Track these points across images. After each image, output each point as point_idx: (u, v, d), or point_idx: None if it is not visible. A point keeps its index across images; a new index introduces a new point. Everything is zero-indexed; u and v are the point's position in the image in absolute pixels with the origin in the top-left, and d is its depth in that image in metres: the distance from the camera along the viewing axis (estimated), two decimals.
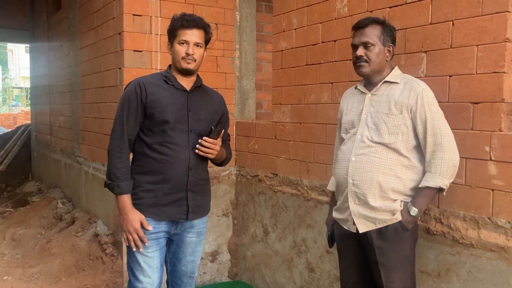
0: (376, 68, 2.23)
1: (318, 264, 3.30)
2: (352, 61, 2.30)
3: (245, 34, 4.30)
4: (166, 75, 2.49)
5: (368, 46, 2.20)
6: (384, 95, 2.23)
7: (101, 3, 4.28)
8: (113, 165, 2.38)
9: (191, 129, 2.46)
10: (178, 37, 2.41)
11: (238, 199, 4.25)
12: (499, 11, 2.14)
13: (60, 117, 6.30)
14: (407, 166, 2.17)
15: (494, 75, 2.17)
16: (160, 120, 2.39)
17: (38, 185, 7.68)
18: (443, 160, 2.09)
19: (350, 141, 2.30)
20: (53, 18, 6.80)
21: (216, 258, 4.27)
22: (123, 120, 2.40)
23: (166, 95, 2.44)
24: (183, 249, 2.59)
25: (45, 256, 4.48)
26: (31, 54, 9.02)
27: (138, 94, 2.40)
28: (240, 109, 4.33)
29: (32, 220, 5.61)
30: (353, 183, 2.22)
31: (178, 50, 2.42)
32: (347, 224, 2.30)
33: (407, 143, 2.17)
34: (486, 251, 2.19)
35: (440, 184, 2.09)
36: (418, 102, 2.13)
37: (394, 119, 2.16)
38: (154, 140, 2.41)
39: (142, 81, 2.45)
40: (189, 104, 2.48)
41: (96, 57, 4.50)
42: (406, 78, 2.25)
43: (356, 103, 2.35)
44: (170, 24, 2.47)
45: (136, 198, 2.43)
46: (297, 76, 3.44)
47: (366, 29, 2.22)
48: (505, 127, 2.15)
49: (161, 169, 2.41)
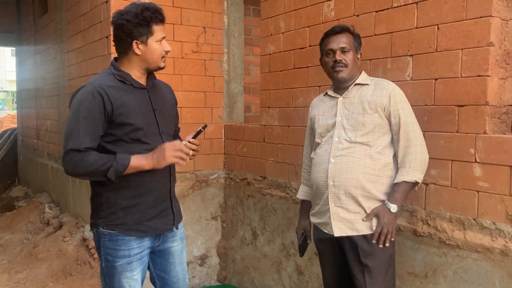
0: (352, 72, 2.27)
1: (307, 267, 3.31)
2: (328, 66, 2.29)
3: (233, 37, 4.31)
4: (119, 73, 2.12)
5: (345, 51, 2.25)
6: (356, 97, 2.26)
7: (88, 7, 4.26)
8: (89, 164, 1.97)
9: (162, 131, 2.20)
10: (156, 34, 2.09)
11: (227, 202, 4.25)
12: (483, 16, 2.18)
13: (47, 121, 6.25)
14: (384, 163, 2.19)
15: (478, 79, 2.20)
16: (132, 128, 2.08)
17: (25, 189, 7.59)
18: (416, 155, 2.15)
19: (326, 144, 2.29)
20: (39, 21, 6.75)
21: (205, 262, 4.26)
22: (78, 130, 1.99)
23: (131, 98, 2.10)
24: (171, 261, 2.35)
25: (32, 261, 4.43)
26: (17, 57, 8.93)
27: (99, 102, 2.01)
28: (229, 112, 4.33)
29: (19, 225, 5.55)
30: (333, 184, 2.21)
31: (157, 49, 2.11)
32: (327, 228, 2.28)
33: (383, 141, 2.21)
34: (471, 252, 2.22)
35: (415, 178, 2.14)
36: (391, 100, 2.19)
37: (370, 118, 2.20)
38: (127, 151, 2.06)
39: (101, 86, 2.04)
40: (152, 103, 2.18)
41: (83, 60, 4.48)
42: (375, 79, 2.32)
43: (328, 108, 2.36)
44: (135, 19, 2.05)
45: (116, 218, 2.10)
46: (285, 79, 3.46)
47: (342, 35, 2.27)
48: (489, 130, 2.19)
49: (141, 181, 2.11)
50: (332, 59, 2.27)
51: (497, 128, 2.22)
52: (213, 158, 4.24)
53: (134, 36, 2.07)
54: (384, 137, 2.21)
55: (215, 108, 4.25)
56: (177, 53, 3.96)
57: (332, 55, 2.27)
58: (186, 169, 4.06)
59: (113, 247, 2.12)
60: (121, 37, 2.10)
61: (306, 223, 2.54)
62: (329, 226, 2.25)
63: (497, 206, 2.12)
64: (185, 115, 4.04)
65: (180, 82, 4.01)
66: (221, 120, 4.27)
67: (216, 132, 4.26)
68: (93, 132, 2.02)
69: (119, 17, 2.08)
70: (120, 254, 2.12)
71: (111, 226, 2.10)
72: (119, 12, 2.09)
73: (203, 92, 4.16)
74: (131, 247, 2.14)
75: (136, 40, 2.08)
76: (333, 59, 2.26)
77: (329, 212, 2.23)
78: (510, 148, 2.08)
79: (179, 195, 4.01)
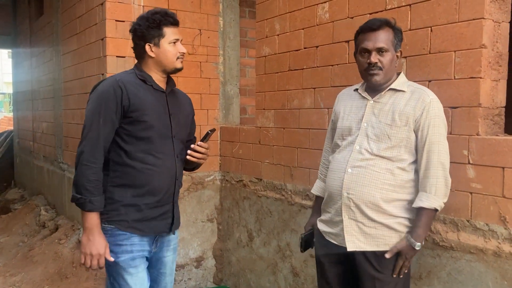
0: (388, 75, 2.07)
1: (302, 269, 3.31)
2: (362, 67, 2.09)
3: (229, 39, 4.31)
4: (141, 74, 2.21)
5: (382, 52, 2.02)
6: (388, 104, 2.06)
7: (84, 9, 4.26)
8: (85, 176, 2.04)
9: (174, 135, 2.24)
10: (168, 36, 2.17)
11: (223, 204, 4.25)
12: (475, 18, 2.19)
13: (43, 123, 6.24)
14: (405, 180, 2.04)
15: (471, 80, 2.21)
16: (145, 126, 2.13)
17: (21, 192, 7.58)
18: (438, 179, 1.99)
19: (346, 151, 2.13)
20: (35, 23, 6.74)
21: (201, 264, 4.26)
22: (98, 124, 2.08)
23: (149, 97, 2.18)
24: (162, 271, 2.36)
25: (27, 264, 4.42)
26: (14, 60, 8.91)
27: (118, 96, 2.09)
28: (224, 114, 4.34)
29: (14, 228, 5.54)
30: (348, 196, 2.06)
31: (171, 50, 2.18)
32: (338, 239, 2.14)
33: (408, 157, 2.05)
34: (465, 253, 2.23)
35: (435, 205, 1.98)
36: (424, 113, 1.99)
37: (398, 131, 2.01)
38: (137, 148, 2.13)
39: (121, 80, 2.13)
40: (169, 107, 2.25)
41: (79, 63, 4.48)
42: (414, 86, 2.10)
43: (355, 108, 2.17)
44: (145, 23, 2.17)
45: (117, 215, 2.13)
46: (280, 81, 3.47)
47: (379, 32, 2.03)
48: (482, 131, 2.20)
49: (146, 181, 2.14)
50: (366, 60, 2.04)
51: (490, 130, 2.23)
52: (209, 160, 4.18)
53: (147, 39, 2.17)
54: (409, 152, 2.04)
55: (210, 110, 4.25)
56: None
57: (367, 55, 2.04)
58: None
59: (115, 242, 2.14)
60: (136, 42, 2.22)
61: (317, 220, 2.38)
62: (341, 238, 2.11)
63: (490, 207, 2.13)
64: None
65: (176, 84, 3.99)
66: (216, 122, 4.27)
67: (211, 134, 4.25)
68: (111, 130, 2.10)
69: (133, 23, 2.22)
70: (122, 249, 2.15)
71: (112, 222, 2.14)
72: (135, 20, 2.23)
73: (199, 94, 4.17)
74: (133, 243, 2.16)
75: (148, 43, 2.17)
76: (367, 61, 2.04)
77: (342, 224, 2.09)
78: (503, 150, 2.09)
79: None
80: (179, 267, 4.12)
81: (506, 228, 2.07)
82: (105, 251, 2.08)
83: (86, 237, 2.08)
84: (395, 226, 2.05)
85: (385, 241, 2.06)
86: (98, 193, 2.07)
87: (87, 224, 2.08)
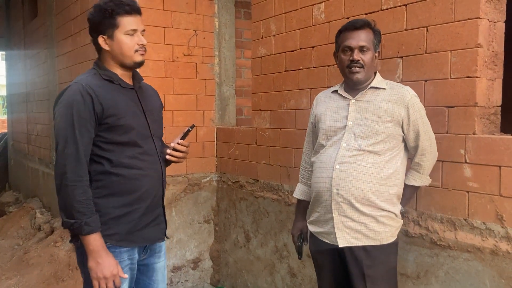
0: (368, 74, 2.14)
1: (299, 269, 3.31)
2: (344, 64, 2.14)
3: (224, 40, 4.31)
4: (105, 73, 2.00)
5: (364, 50, 2.09)
6: (371, 101, 2.13)
7: (79, 11, 4.25)
8: (73, 198, 1.85)
9: (153, 133, 2.09)
10: (123, 26, 1.94)
11: (220, 206, 4.24)
12: (471, 18, 2.20)
13: (38, 126, 6.21)
14: (391, 172, 2.11)
15: (467, 80, 2.22)
16: (124, 130, 1.96)
17: (16, 195, 7.53)
18: (431, 162, 2.21)
19: (332, 149, 2.16)
20: (29, 25, 6.71)
21: (198, 265, 4.25)
22: (75, 138, 1.87)
23: (121, 98, 1.99)
24: (154, 278, 2.21)
25: (22, 267, 4.39)
26: (7, 62, 8.87)
27: (89, 103, 1.89)
28: (221, 115, 4.33)
29: (9, 231, 5.50)
30: (337, 192, 2.09)
31: (127, 42, 1.96)
32: (329, 238, 2.16)
33: (394, 150, 2.12)
34: (462, 252, 2.24)
35: (426, 183, 2.24)
36: (409, 110, 2.09)
37: (385, 126, 2.08)
38: (120, 155, 1.96)
39: (88, 85, 1.92)
40: (142, 105, 2.08)
41: (74, 64, 4.46)
42: (391, 83, 2.19)
43: (337, 109, 2.21)
44: (98, 12, 1.95)
45: (107, 229, 1.94)
46: (277, 82, 3.47)
47: (362, 31, 2.10)
48: (478, 131, 2.20)
49: (136, 187, 1.99)
50: (349, 57, 2.10)
51: (486, 129, 2.24)
52: (205, 161, 4.24)
53: (100, 31, 1.96)
54: (395, 146, 2.13)
55: (206, 111, 4.24)
56: (168, 56, 3.95)
57: (350, 53, 2.10)
58: (178, 173, 4.05)
59: None
60: (91, 34, 2.01)
61: (303, 224, 2.44)
62: (333, 235, 2.13)
63: (487, 206, 2.14)
64: (176, 119, 4.03)
65: (172, 85, 4.00)
66: (213, 123, 4.27)
67: (208, 135, 4.25)
68: (88, 142, 1.92)
69: (88, 13, 2.00)
70: None
71: (103, 236, 1.92)
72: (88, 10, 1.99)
73: (195, 95, 4.16)
74: (122, 259, 2.00)
75: (102, 35, 1.96)
76: (350, 58, 2.10)
77: (333, 221, 2.12)
78: (499, 149, 2.09)
79: (171, 199, 4.00)
80: (176, 269, 4.11)
81: (503, 227, 2.08)
82: (118, 269, 1.92)
83: (94, 261, 1.88)
84: (384, 220, 2.11)
85: (375, 235, 2.10)
86: (91, 213, 1.88)
87: (91, 247, 1.88)
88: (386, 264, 2.13)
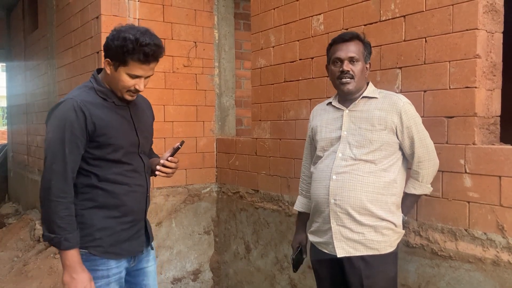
0: (359, 85, 2.16)
1: (300, 280, 3.29)
2: (334, 76, 2.18)
3: (224, 51, 4.33)
4: (101, 90, 2.03)
5: (354, 61, 2.13)
6: (364, 111, 2.15)
7: (79, 23, 4.27)
8: (55, 213, 1.88)
9: (141, 150, 2.13)
10: (130, 68, 1.94)
11: (220, 216, 4.23)
12: (469, 29, 2.21)
13: (38, 137, 6.21)
14: (388, 181, 2.11)
15: (466, 90, 2.23)
16: (113, 148, 2.00)
17: (15, 206, 7.51)
18: (429, 170, 2.17)
19: (328, 159, 2.19)
20: (30, 37, 6.75)
21: (198, 277, 4.22)
22: (64, 155, 1.90)
23: (113, 117, 2.02)
24: (146, 282, 2.25)
25: (22, 279, 4.36)
26: (8, 73, 8.90)
27: (82, 121, 1.91)
28: (220, 126, 4.34)
29: (9, 243, 5.47)
30: (335, 203, 2.11)
31: (125, 81, 1.97)
32: (328, 248, 2.17)
33: (390, 159, 2.13)
34: (464, 262, 2.23)
35: (426, 192, 2.22)
36: (402, 118, 2.10)
37: (379, 135, 2.10)
38: (107, 171, 2.00)
39: (82, 102, 1.93)
40: (134, 122, 2.10)
41: (74, 76, 4.48)
42: (383, 92, 2.22)
43: (331, 120, 2.25)
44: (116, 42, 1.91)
45: (91, 240, 1.99)
46: (276, 92, 3.48)
47: (351, 43, 2.15)
48: (478, 141, 2.21)
49: (121, 202, 2.03)
50: (339, 68, 2.15)
51: (485, 139, 2.24)
52: (205, 172, 4.23)
53: (109, 56, 1.96)
54: (391, 155, 2.13)
55: (206, 121, 4.25)
56: (168, 67, 3.97)
57: (340, 64, 2.15)
58: (178, 184, 4.05)
59: (91, 267, 2.00)
60: (103, 48, 2.02)
61: (303, 236, 2.46)
62: (331, 246, 2.14)
63: (487, 216, 2.14)
64: (176, 129, 4.04)
65: (172, 96, 4.02)
66: (212, 134, 4.27)
67: (208, 146, 4.25)
68: (77, 159, 1.95)
69: (111, 32, 1.99)
70: (98, 274, 2.02)
71: (86, 247, 1.99)
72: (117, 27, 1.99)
73: (195, 106, 4.17)
74: (110, 267, 2.05)
75: (109, 59, 1.97)
76: (340, 69, 2.14)
77: (331, 231, 2.13)
78: (499, 159, 2.10)
79: (171, 210, 3.99)
80: (176, 281, 4.09)
81: (504, 237, 2.08)
82: (91, 285, 1.95)
83: (68, 275, 1.92)
84: (382, 230, 2.11)
85: (374, 245, 2.10)
86: (72, 229, 1.91)
87: (67, 262, 1.92)
88: (385, 274, 2.12)
